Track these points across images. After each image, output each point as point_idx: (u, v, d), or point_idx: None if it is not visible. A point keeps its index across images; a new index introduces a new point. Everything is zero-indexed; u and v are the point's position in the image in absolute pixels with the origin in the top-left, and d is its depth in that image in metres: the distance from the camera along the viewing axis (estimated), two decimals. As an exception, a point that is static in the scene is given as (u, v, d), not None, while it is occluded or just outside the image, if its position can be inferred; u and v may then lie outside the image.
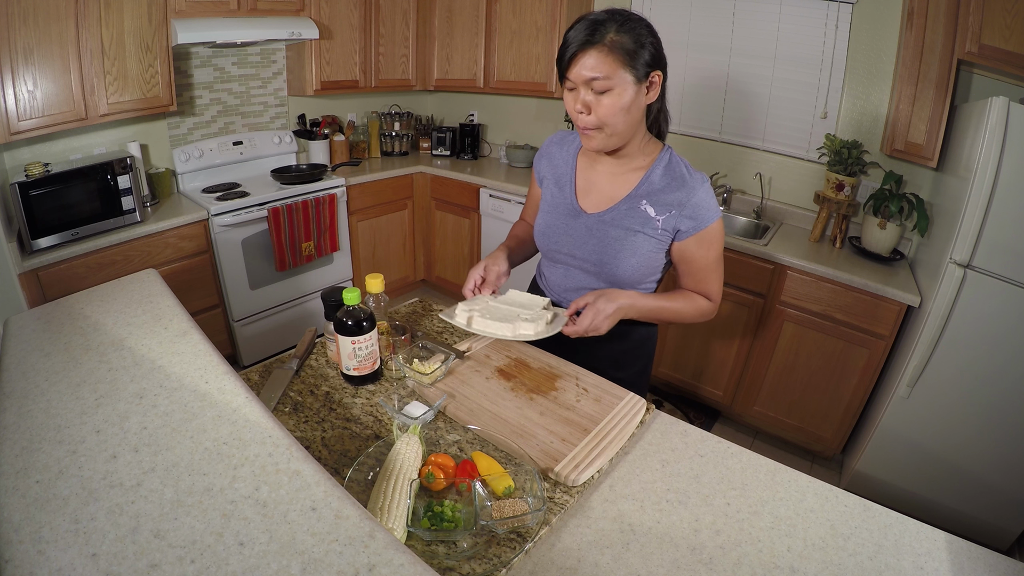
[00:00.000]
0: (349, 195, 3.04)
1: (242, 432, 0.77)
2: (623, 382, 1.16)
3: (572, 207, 1.18)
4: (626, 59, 0.95)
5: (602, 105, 0.98)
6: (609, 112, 0.98)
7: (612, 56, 0.94)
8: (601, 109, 0.98)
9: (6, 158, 2.21)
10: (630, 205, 1.11)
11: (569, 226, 1.18)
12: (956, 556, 0.79)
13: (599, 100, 0.98)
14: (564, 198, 1.20)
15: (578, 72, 0.96)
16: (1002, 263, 1.69)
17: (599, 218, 1.14)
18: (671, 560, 0.75)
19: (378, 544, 0.60)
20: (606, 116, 0.99)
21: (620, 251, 1.12)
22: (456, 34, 3.29)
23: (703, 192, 1.07)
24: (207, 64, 2.76)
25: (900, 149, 2.15)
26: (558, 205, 1.21)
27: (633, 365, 1.29)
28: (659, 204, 1.09)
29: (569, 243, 1.18)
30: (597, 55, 0.94)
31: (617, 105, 0.98)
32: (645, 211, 1.10)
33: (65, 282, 2.06)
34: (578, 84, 0.98)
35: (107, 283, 1.24)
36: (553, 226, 1.21)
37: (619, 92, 0.97)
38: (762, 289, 2.31)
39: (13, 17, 1.91)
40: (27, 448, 0.73)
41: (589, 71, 0.95)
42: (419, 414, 0.97)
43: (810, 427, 2.35)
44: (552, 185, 1.23)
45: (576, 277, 1.22)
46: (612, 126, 1.01)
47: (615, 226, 1.13)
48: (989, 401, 1.80)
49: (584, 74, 0.96)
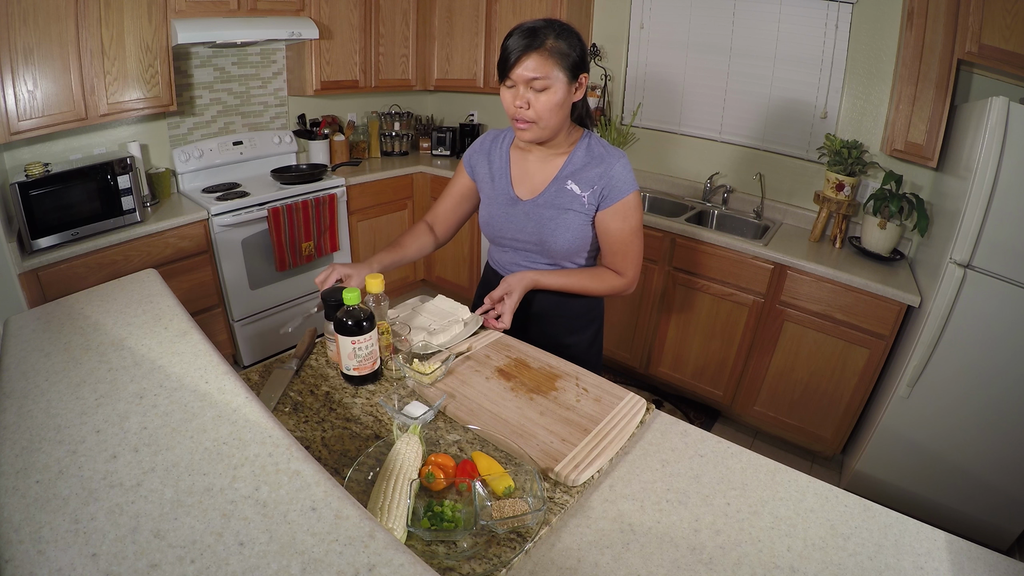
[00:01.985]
0: (349, 195, 3.04)
1: (242, 432, 0.77)
2: (579, 347, 1.39)
3: (509, 196, 1.31)
4: (562, 62, 1.10)
5: (539, 101, 1.11)
6: (545, 107, 1.12)
7: (551, 59, 1.09)
8: (539, 105, 1.12)
9: (6, 158, 2.21)
10: (558, 187, 1.25)
11: (509, 214, 1.31)
12: (956, 556, 0.79)
13: (537, 97, 1.11)
14: (502, 189, 1.32)
15: (520, 72, 1.09)
16: (1002, 263, 1.69)
17: (533, 203, 1.28)
18: (671, 560, 0.75)
19: (378, 544, 0.60)
20: (542, 111, 1.12)
21: (556, 229, 1.25)
22: (456, 34, 3.29)
23: (619, 167, 1.21)
24: (207, 64, 2.76)
25: (900, 149, 2.15)
26: (497, 196, 1.33)
27: (586, 330, 1.42)
28: (582, 181, 1.23)
29: (511, 229, 1.32)
30: (538, 58, 1.08)
31: (552, 101, 1.12)
32: (571, 190, 1.23)
33: (65, 282, 2.06)
34: (518, 83, 1.11)
35: (107, 283, 1.24)
36: (495, 215, 1.34)
37: (555, 90, 1.11)
38: (762, 289, 2.31)
39: (13, 17, 1.91)
40: (27, 448, 0.73)
41: (531, 72, 1.09)
42: (419, 414, 0.97)
43: (810, 427, 2.35)
44: (489, 180, 1.35)
45: (521, 256, 1.36)
46: (546, 119, 1.14)
47: (548, 207, 1.26)
48: (989, 401, 1.80)
49: (526, 74, 1.09)
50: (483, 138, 1.41)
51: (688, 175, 2.95)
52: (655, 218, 2.51)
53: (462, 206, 1.45)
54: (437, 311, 1.33)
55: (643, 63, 2.92)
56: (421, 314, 1.32)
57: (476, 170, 1.39)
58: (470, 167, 1.40)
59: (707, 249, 2.39)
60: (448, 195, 1.45)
